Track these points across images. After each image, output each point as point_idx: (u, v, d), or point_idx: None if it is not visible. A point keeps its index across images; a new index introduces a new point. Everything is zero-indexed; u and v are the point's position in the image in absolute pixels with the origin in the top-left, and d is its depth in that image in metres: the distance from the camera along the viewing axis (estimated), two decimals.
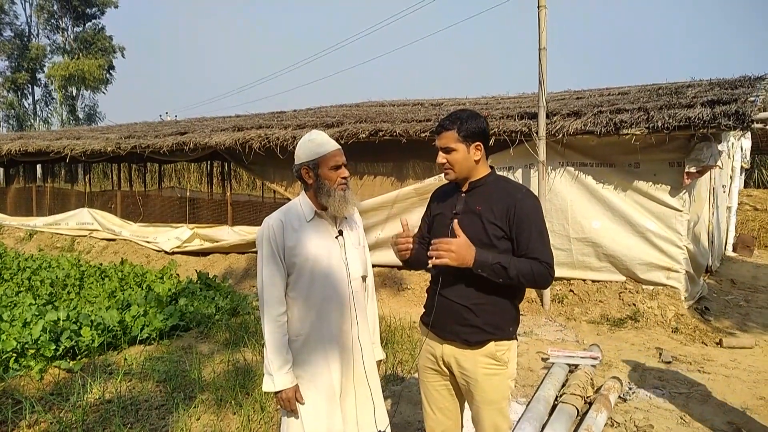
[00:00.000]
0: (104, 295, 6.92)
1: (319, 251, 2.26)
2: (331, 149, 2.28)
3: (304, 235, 2.26)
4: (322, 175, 2.27)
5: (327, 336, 2.27)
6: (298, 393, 2.23)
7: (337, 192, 2.26)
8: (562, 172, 6.80)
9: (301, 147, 2.32)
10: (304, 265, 2.24)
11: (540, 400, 3.79)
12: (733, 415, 3.92)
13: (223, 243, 9.82)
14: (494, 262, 2.10)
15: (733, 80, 7.66)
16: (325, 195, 2.26)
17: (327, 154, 2.27)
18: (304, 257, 2.24)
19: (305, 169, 2.29)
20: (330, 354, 2.27)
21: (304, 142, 2.32)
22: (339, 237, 2.34)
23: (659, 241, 6.32)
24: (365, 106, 12.04)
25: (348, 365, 2.31)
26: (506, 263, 2.10)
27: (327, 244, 2.30)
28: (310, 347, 2.27)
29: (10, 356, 4.65)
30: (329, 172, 2.27)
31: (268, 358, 2.21)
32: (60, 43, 38.13)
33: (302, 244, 2.25)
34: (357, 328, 2.34)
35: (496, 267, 2.10)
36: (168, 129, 11.89)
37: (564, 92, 10.31)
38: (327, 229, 2.33)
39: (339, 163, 2.28)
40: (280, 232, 2.24)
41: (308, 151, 2.28)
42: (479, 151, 2.25)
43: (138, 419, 3.73)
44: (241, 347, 5.22)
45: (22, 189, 15.26)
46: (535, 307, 6.71)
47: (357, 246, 2.41)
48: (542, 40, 6.48)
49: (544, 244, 2.18)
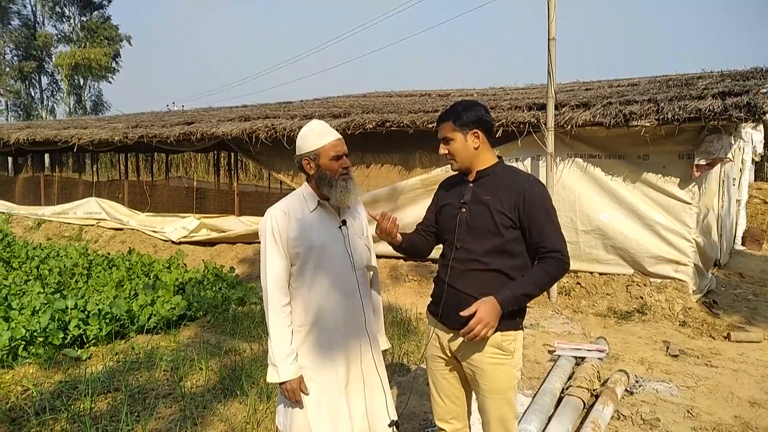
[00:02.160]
0: (112, 285, 6.96)
1: (323, 241, 2.25)
2: (332, 139, 2.26)
3: (307, 226, 2.25)
4: (323, 165, 2.25)
5: (332, 326, 2.26)
6: (303, 384, 2.23)
7: (339, 182, 2.25)
8: (570, 164, 6.75)
9: (301, 137, 2.30)
10: (307, 256, 2.23)
11: (546, 392, 3.79)
12: (740, 409, 3.90)
13: (230, 233, 9.84)
14: (518, 296, 2.14)
15: (745, 72, 7.56)
16: (327, 185, 2.25)
17: (327, 144, 2.25)
18: (307, 247, 2.23)
19: (306, 159, 2.28)
20: (335, 344, 2.26)
21: (304, 133, 2.30)
22: (342, 227, 2.32)
23: (668, 233, 6.27)
24: (372, 97, 12.00)
25: (356, 355, 2.31)
26: (528, 290, 2.14)
27: (330, 234, 2.29)
28: (315, 338, 2.26)
29: (19, 344, 4.70)
30: (330, 162, 2.25)
31: (273, 349, 2.21)
32: (66, 32, 38.17)
33: (305, 234, 2.23)
34: (364, 317, 2.34)
35: (520, 299, 2.15)
36: (175, 119, 11.89)
37: (573, 83, 10.23)
38: (330, 219, 2.31)
39: (340, 152, 2.27)
40: (283, 222, 2.23)
41: (309, 142, 2.27)
42: (477, 138, 2.25)
43: (145, 408, 3.75)
44: (248, 337, 5.24)
45: (30, 178, 15.33)
46: (541, 300, 6.69)
47: (361, 236, 2.40)
48: (552, 30, 6.41)
49: (555, 231, 2.19)
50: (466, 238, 2.26)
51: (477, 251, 2.23)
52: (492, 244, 2.20)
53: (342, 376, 2.27)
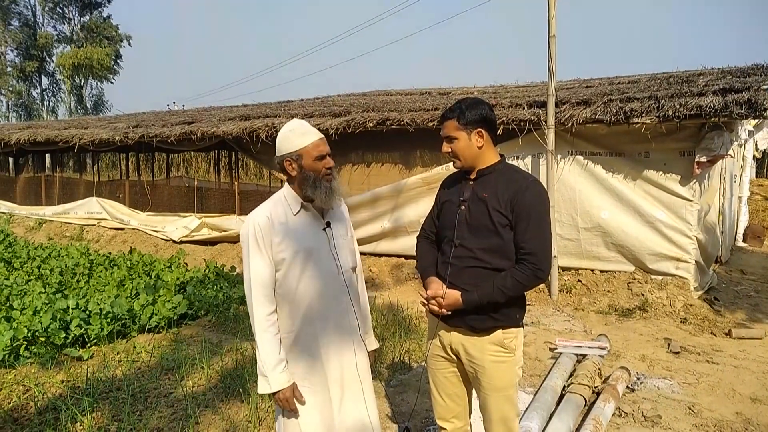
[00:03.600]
0: (113, 284, 6.97)
1: (308, 245, 2.19)
2: (314, 139, 2.19)
3: (291, 230, 2.19)
4: (306, 166, 2.17)
5: (320, 330, 2.21)
6: (297, 391, 2.18)
7: (324, 183, 2.18)
8: (570, 162, 6.75)
9: (282, 138, 2.21)
10: (293, 261, 2.17)
11: (547, 389, 3.79)
12: (741, 405, 3.90)
13: (231, 232, 9.85)
14: (483, 302, 2.18)
15: (746, 68, 7.55)
16: (311, 187, 2.18)
17: (310, 144, 2.18)
18: (293, 252, 2.17)
19: (288, 160, 2.20)
20: (324, 349, 2.22)
21: (284, 133, 2.22)
22: (327, 229, 2.26)
23: (669, 231, 6.27)
24: (372, 95, 11.99)
25: (349, 357, 2.27)
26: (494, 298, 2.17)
27: (315, 238, 2.23)
28: (302, 344, 2.21)
29: (21, 344, 4.70)
30: (314, 162, 2.17)
31: (261, 359, 2.14)
32: (66, 33, 38.16)
33: (290, 238, 2.17)
34: (354, 319, 2.31)
35: (485, 305, 2.19)
36: (175, 118, 11.90)
37: (573, 81, 10.21)
38: (314, 222, 2.25)
39: (323, 152, 2.19)
40: (266, 228, 2.15)
41: (290, 142, 2.19)
42: (481, 137, 2.24)
43: (147, 407, 3.75)
44: (249, 336, 5.24)
45: (31, 178, 15.35)
46: (542, 297, 6.69)
47: (345, 236, 2.35)
48: (552, 27, 6.41)
49: (539, 236, 2.16)
50: (465, 236, 2.25)
51: (475, 248, 2.22)
52: (490, 243, 2.20)
53: (333, 380, 2.23)
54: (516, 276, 2.15)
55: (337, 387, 2.24)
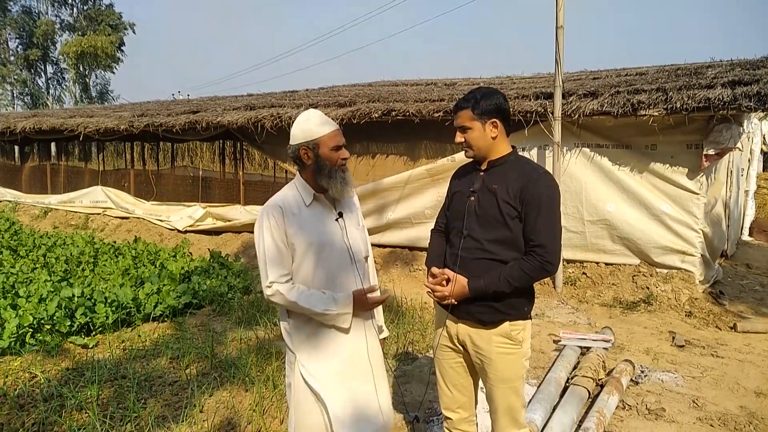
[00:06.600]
0: (118, 273, 6.99)
1: (322, 236, 2.21)
2: (332, 129, 2.21)
3: (304, 220, 2.19)
4: (322, 155, 2.19)
5: None
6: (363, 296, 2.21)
7: (338, 173, 2.20)
8: (577, 154, 6.71)
9: (298, 126, 2.22)
10: (307, 251, 2.18)
11: (551, 382, 3.79)
12: (746, 399, 3.89)
13: (236, 222, 9.86)
14: (490, 291, 2.17)
15: (755, 61, 7.47)
16: (326, 177, 2.19)
17: (328, 134, 2.19)
18: (306, 243, 2.17)
19: (304, 149, 2.20)
20: (340, 338, 2.23)
21: (302, 122, 2.23)
22: (339, 219, 2.28)
23: (675, 224, 6.23)
24: (378, 86, 11.94)
25: (362, 348, 2.27)
26: (501, 288, 2.15)
27: (328, 228, 2.24)
28: (318, 333, 2.22)
29: (27, 331, 4.73)
30: (330, 152, 2.19)
31: (318, 310, 2.14)
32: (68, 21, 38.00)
33: (303, 229, 2.18)
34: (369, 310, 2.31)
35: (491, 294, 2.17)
36: (180, 108, 11.89)
37: (580, 72, 10.14)
38: (327, 213, 2.27)
39: (339, 143, 2.22)
40: (280, 219, 2.16)
41: (308, 131, 2.20)
42: (495, 128, 2.22)
43: (152, 395, 3.77)
44: (254, 325, 5.26)
45: (36, 167, 15.38)
46: (547, 290, 6.68)
47: (357, 227, 2.36)
48: (559, 18, 6.35)
49: (549, 229, 2.15)
50: (473, 227, 2.24)
51: (484, 240, 2.21)
52: (499, 234, 2.19)
53: (348, 368, 2.23)
54: (524, 267, 2.14)
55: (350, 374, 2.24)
